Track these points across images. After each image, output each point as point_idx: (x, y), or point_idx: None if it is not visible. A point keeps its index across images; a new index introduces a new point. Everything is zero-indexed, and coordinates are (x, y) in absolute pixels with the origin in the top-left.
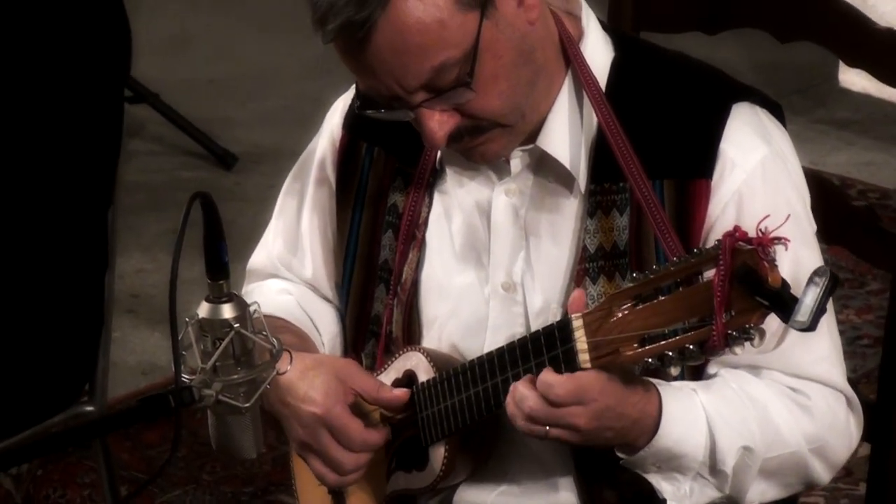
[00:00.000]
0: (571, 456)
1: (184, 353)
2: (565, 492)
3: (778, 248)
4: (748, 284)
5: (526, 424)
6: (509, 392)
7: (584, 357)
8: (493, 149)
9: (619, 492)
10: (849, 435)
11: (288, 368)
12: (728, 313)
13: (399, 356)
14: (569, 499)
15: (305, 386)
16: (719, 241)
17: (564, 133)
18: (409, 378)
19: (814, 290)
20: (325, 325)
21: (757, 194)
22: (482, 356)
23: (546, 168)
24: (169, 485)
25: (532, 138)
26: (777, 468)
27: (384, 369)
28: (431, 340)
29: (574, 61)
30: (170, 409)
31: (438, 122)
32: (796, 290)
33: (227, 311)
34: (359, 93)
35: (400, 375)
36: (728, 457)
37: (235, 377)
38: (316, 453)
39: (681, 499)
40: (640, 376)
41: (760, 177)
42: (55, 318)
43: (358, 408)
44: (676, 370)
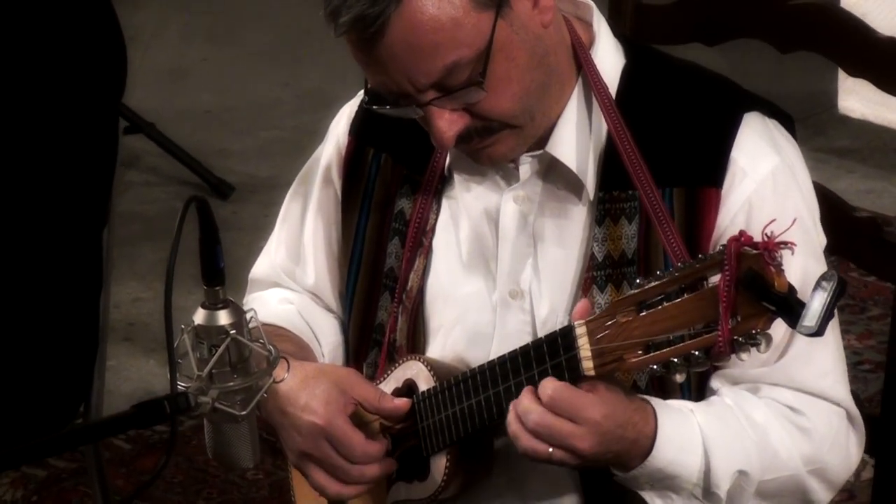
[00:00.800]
0: (578, 472)
1: (180, 362)
2: (570, 503)
3: (785, 259)
4: (754, 289)
5: (529, 441)
6: (511, 410)
7: (588, 364)
8: (501, 150)
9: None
10: (849, 455)
11: (285, 376)
12: (734, 319)
13: (399, 365)
14: None
15: (306, 395)
16: (724, 246)
17: (574, 139)
18: (409, 387)
19: (821, 295)
20: (326, 336)
21: (766, 204)
22: (483, 364)
23: (555, 175)
24: None
25: (541, 144)
26: (775, 490)
27: (383, 378)
28: (436, 349)
29: (585, 67)
30: (165, 416)
31: (448, 122)
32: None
33: (224, 318)
34: (367, 89)
35: (399, 385)
36: (722, 480)
37: (232, 384)
38: (316, 464)
39: None
40: (638, 395)
41: (771, 187)
42: (50, 339)
43: (358, 417)
44: (682, 377)
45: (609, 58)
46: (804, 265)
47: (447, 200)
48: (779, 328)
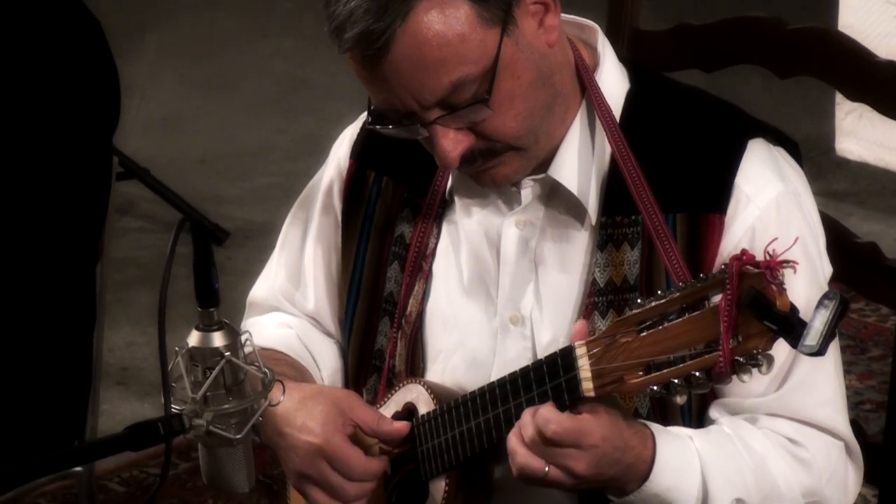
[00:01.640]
0: (577, 494)
1: (174, 385)
2: None
3: (787, 285)
4: (756, 309)
5: (524, 457)
6: (513, 431)
7: (588, 385)
8: (505, 172)
9: None
10: (847, 489)
11: (281, 399)
12: (735, 339)
13: (399, 388)
14: None
15: (303, 416)
16: (726, 266)
17: (576, 163)
18: (409, 411)
19: (823, 314)
20: (326, 360)
21: (770, 231)
22: (483, 387)
23: (557, 199)
24: None
25: (543, 167)
26: None
27: (384, 402)
28: (435, 374)
29: (589, 89)
30: (159, 438)
31: (452, 142)
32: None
33: (218, 340)
34: (370, 108)
35: (400, 408)
36: None
37: (227, 407)
38: (315, 484)
39: None
40: (638, 419)
41: (774, 214)
42: (43, 376)
43: (357, 440)
44: (682, 399)
45: (614, 81)
46: (807, 294)
47: (448, 224)
48: (779, 355)
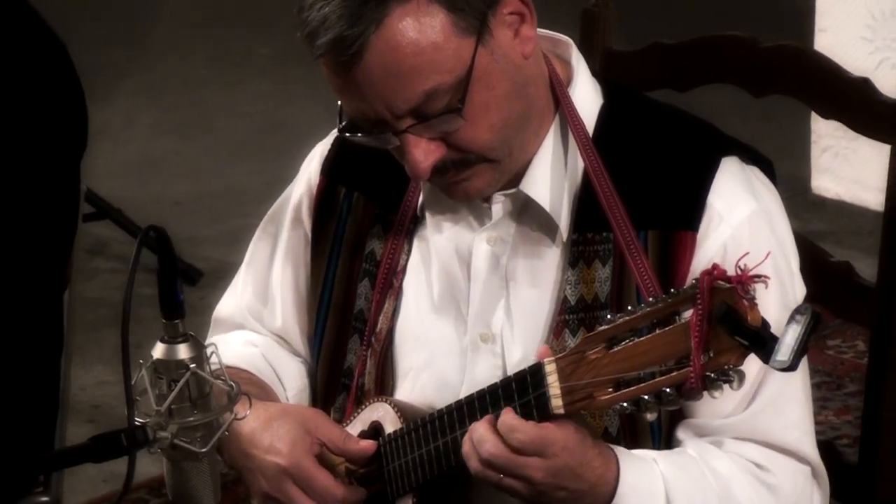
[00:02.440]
0: None
1: (138, 399)
2: None
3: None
4: (727, 324)
5: (480, 468)
6: (467, 432)
7: (557, 403)
8: (477, 185)
9: None
10: None
11: (247, 413)
12: (706, 354)
13: (365, 407)
14: None
15: (270, 436)
16: (697, 280)
17: (548, 178)
18: (376, 430)
19: (794, 329)
20: (291, 380)
21: (742, 250)
22: (451, 405)
23: (529, 215)
24: None
25: (515, 182)
26: None
27: (350, 420)
28: (404, 393)
29: (563, 103)
30: (122, 449)
31: (424, 152)
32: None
33: (183, 352)
34: (342, 116)
35: (366, 427)
36: None
37: (192, 420)
38: None
39: None
40: (602, 442)
41: (747, 233)
42: (8, 402)
43: (323, 460)
44: (653, 416)
45: (587, 96)
46: (777, 313)
47: (419, 241)
48: (748, 375)
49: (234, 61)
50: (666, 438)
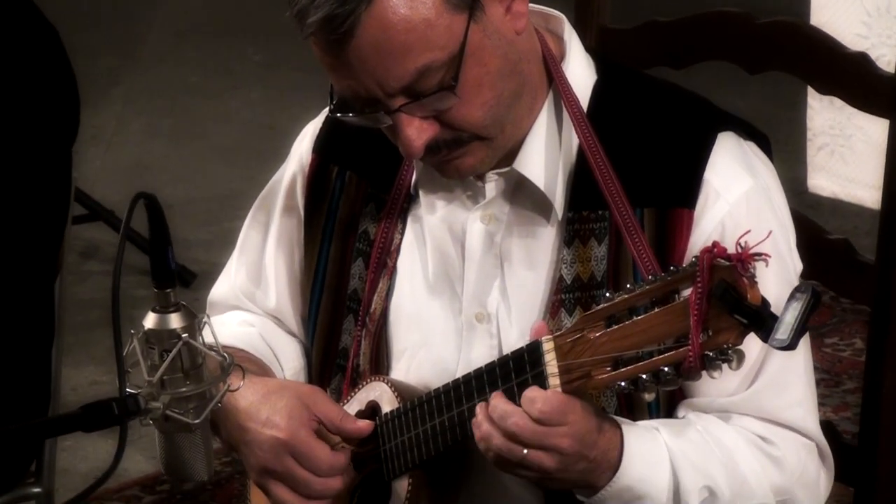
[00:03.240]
0: (543, 493)
1: (129, 371)
2: None
3: (758, 280)
4: (726, 302)
5: (504, 444)
6: (480, 410)
7: (555, 381)
8: (470, 163)
9: None
10: (818, 491)
11: (241, 385)
12: (705, 333)
13: (362, 387)
14: None
15: (268, 410)
16: (697, 258)
17: (542, 156)
18: (373, 409)
19: (794, 307)
20: (288, 360)
21: (740, 227)
22: (448, 384)
23: (523, 194)
24: None
25: (508, 160)
26: None
27: (347, 400)
28: (400, 373)
29: (556, 79)
30: (114, 418)
31: (417, 130)
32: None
33: (175, 321)
34: (333, 96)
35: (363, 407)
36: (691, 497)
37: (184, 390)
38: (279, 479)
39: None
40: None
41: (744, 209)
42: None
43: (320, 437)
44: (651, 396)
45: (580, 72)
46: (777, 290)
47: (412, 220)
48: (750, 353)
49: (225, 68)
50: (666, 402)
